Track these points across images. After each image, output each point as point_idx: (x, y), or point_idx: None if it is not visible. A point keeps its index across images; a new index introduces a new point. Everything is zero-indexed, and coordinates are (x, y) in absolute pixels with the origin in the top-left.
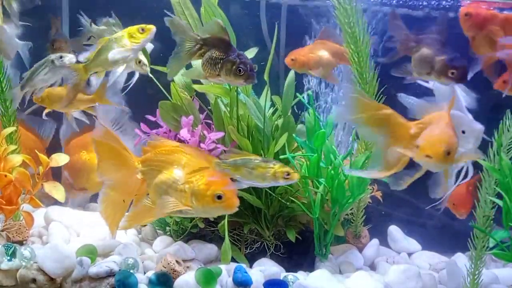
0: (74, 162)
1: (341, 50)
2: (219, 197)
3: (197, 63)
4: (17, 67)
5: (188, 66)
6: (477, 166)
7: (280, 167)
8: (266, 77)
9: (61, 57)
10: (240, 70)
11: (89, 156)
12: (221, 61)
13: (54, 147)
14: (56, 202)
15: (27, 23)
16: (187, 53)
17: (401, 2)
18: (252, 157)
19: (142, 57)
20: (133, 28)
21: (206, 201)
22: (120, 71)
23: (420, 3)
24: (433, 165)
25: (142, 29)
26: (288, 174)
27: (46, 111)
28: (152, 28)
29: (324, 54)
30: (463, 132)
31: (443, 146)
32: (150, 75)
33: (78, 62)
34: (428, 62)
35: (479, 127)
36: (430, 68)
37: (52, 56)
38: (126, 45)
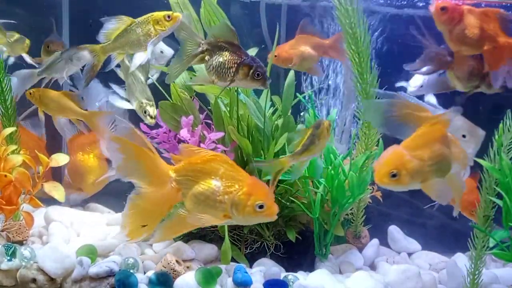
0: (71, 162)
1: (322, 43)
2: (261, 207)
3: (199, 67)
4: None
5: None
6: (478, 165)
7: None
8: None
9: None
10: (258, 75)
11: (84, 158)
12: (236, 65)
13: (53, 147)
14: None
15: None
16: (189, 56)
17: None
18: None
19: (164, 48)
20: (159, 15)
21: (247, 211)
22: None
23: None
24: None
25: (169, 16)
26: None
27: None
28: (179, 16)
29: (305, 48)
30: (464, 136)
31: (385, 169)
32: (150, 76)
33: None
34: (477, 75)
35: (480, 132)
36: (480, 81)
37: (72, 51)
38: (151, 32)
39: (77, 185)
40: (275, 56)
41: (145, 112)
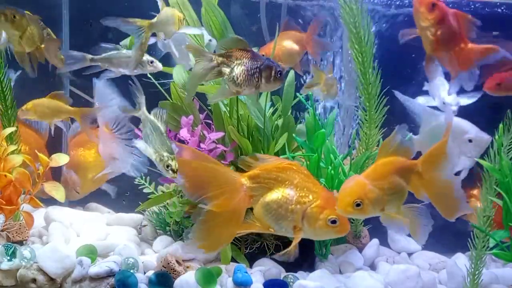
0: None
1: (304, 38)
2: (334, 222)
3: None
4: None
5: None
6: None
7: None
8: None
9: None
10: (280, 73)
11: (83, 155)
12: (258, 70)
13: (53, 145)
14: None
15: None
16: (202, 71)
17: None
18: None
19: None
20: None
21: (319, 224)
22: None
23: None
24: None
25: None
26: None
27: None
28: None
29: (288, 43)
30: (470, 141)
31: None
32: (150, 75)
33: None
34: None
35: (486, 137)
36: None
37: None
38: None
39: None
40: (263, 55)
41: (167, 167)
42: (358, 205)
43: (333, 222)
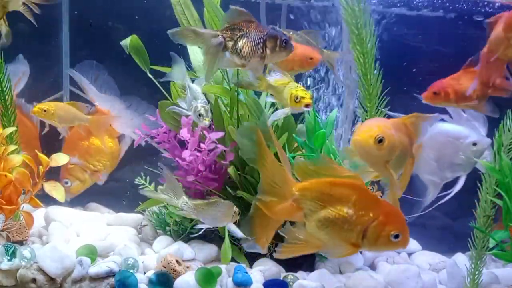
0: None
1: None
2: (396, 236)
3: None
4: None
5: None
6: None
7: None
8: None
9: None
10: (286, 42)
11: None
12: (262, 40)
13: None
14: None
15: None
16: (212, 52)
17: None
18: None
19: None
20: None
21: (381, 241)
22: None
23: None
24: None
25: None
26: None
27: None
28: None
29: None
30: (475, 144)
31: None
32: (150, 75)
33: None
34: None
35: (487, 139)
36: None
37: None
38: None
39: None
40: None
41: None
42: (380, 141)
43: (396, 237)
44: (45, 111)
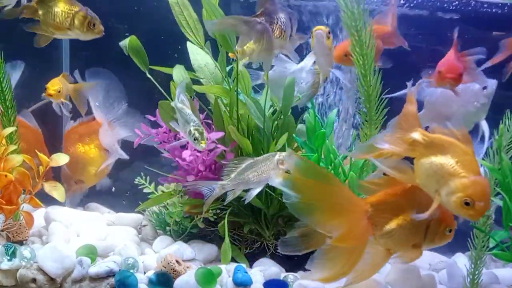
0: (71, 154)
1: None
2: (450, 231)
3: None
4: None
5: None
6: None
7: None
8: (266, 77)
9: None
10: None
11: (85, 149)
12: (289, 21)
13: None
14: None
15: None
16: (268, 35)
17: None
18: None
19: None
20: None
21: (438, 237)
22: None
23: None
24: None
25: None
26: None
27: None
28: None
29: None
30: (485, 87)
31: None
32: (149, 75)
33: None
34: None
35: (493, 81)
36: None
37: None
38: None
39: (77, 176)
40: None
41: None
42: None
43: (450, 231)
44: (59, 91)
